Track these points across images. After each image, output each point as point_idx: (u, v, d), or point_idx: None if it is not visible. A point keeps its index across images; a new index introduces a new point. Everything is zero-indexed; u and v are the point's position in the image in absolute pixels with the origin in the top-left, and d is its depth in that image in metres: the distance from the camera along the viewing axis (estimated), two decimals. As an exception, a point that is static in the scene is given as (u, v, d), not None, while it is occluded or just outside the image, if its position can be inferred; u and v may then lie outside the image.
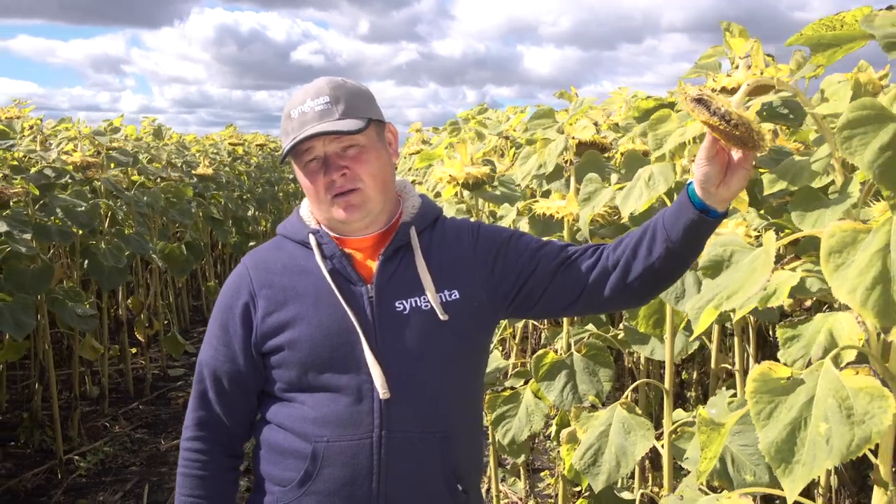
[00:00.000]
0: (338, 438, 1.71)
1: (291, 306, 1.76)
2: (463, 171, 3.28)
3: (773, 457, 1.14)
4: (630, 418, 2.38)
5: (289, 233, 1.87)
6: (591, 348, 2.91)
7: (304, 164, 1.74)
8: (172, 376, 7.18)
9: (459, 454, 1.80)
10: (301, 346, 1.73)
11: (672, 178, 2.32)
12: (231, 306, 1.82)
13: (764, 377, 1.20)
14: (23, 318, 4.20)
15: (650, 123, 2.29)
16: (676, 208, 1.64)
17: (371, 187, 1.74)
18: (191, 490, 1.85)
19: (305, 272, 1.78)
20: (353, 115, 1.72)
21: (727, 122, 1.40)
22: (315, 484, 1.72)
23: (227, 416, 1.85)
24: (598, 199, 2.47)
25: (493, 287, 1.81)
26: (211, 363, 1.84)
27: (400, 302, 1.75)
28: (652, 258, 1.67)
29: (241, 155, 11.41)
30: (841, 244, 1.13)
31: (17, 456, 5.18)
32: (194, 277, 9.87)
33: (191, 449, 1.86)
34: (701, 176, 1.54)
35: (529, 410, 3.14)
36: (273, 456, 1.80)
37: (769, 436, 1.15)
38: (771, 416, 1.17)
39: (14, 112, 5.87)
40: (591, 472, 2.36)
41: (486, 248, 1.84)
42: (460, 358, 1.80)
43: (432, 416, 1.75)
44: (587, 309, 1.85)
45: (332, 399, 1.72)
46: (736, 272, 1.40)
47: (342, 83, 1.77)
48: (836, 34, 1.27)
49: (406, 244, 1.81)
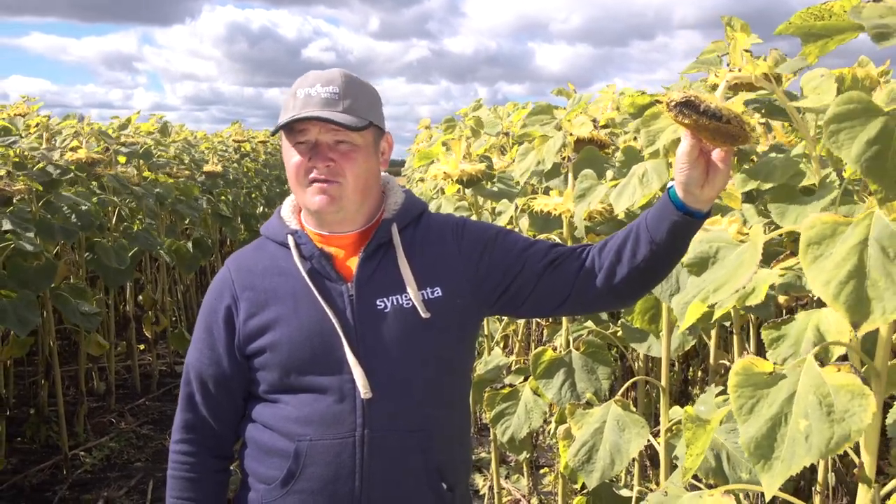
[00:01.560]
0: (320, 437, 1.70)
1: (272, 308, 1.75)
2: (457, 169, 3.26)
3: (752, 452, 1.13)
4: (625, 415, 2.37)
5: (270, 233, 1.86)
6: (590, 346, 2.90)
7: (295, 143, 1.73)
8: (179, 373, 7.18)
9: (444, 452, 1.79)
10: (282, 349, 1.73)
11: (666, 174, 2.31)
12: (215, 309, 1.82)
13: (747, 371, 1.19)
14: (26, 314, 4.21)
15: (643, 120, 2.28)
16: (659, 211, 1.62)
17: (351, 186, 1.73)
18: (180, 492, 1.85)
19: (285, 273, 1.78)
20: (355, 113, 1.71)
21: (718, 120, 1.38)
22: (298, 483, 1.72)
23: (213, 417, 1.85)
24: (593, 195, 2.46)
25: (477, 284, 1.80)
26: (196, 366, 1.84)
27: (381, 300, 1.74)
28: (636, 260, 1.66)
29: (249, 152, 11.42)
30: (820, 236, 1.12)
31: (24, 451, 5.21)
32: (203, 274, 9.88)
33: (179, 451, 1.86)
34: (684, 179, 1.52)
35: (528, 408, 3.13)
36: (258, 454, 1.80)
37: (749, 431, 1.14)
38: (752, 411, 1.16)
39: (22, 109, 5.90)
40: (586, 469, 2.35)
41: (472, 245, 1.82)
42: (443, 356, 1.79)
43: (415, 415, 1.74)
44: (575, 309, 1.84)
45: (314, 399, 1.72)
46: (722, 268, 1.39)
47: (354, 80, 1.76)
48: (825, 24, 1.26)
49: (388, 241, 1.79)
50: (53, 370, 5.15)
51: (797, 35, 1.29)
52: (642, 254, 1.64)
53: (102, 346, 5.71)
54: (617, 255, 1.69)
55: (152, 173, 6.76)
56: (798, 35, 1.29)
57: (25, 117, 5.61)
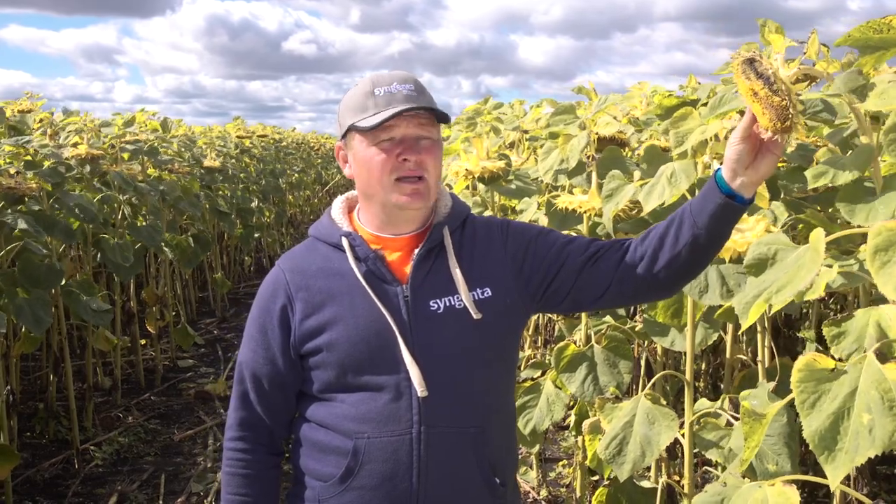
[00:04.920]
0: (378, 434, 1.75)
1: (328, 309, 1.80)
2: (479, 166, 3.32)
3: (816, 444, 1.19)
4: (654, 409, 2.44)
5: (321, 235, 1.90)
6: (612, 340, 2.96)
7: (378, 141, 1.76)
8: (182, 367, 7.24)
9: (495, 447, 1.85)
10: (339, 348, 1.77)
11: (694, 175, 2.37)
12: (269, 309, 1.86)
13: (809, 367, 1.26)
14: (41, 313, 4.24)
15: (672, 121, 2.34)
16: (703, 195, 1.67)
17: (433, 181, 1.79)
18: (237, 489, 1.89)
19: (340, 274, 1.82)
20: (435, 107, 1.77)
21: (770, 85, 1.42)
22: (357, 479, 1.76)
23: (267, 415, 1.89)
24: (620, 195, 2.52)
25: (523, 284, 1.85)
26: (251, 365, 1.88)
27: (434, 301, 1.80)
28: (678, 246, 1.70)
29: (247, 147, 11.44)
30: (887, 243, 1.19)
31: (33, 446, 5.24)
32: (200, 269, 9.91)
33: (234, 448, 1.90)
34: (733, 154, 1.58)
35: (550, 401, 3.19)
36: (313, 452, 1.84)
37: (813, 424, 1.20)
38: (815, 406, 1.22)
39: (27, 105, 5.91)
40: (617, 461, 2.42)
41: (516, 245, 1.88)
42: (493, 354, 1.85)
43: (468, 412, 1.80)
44: (613, 302, 1.89)
45: (370, 397, 1.77)
46: (781, 269, 1.45)
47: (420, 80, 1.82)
48: (882, 37, 1.32)
49: (439, 244, 1.84)
50: (65, 365, 5.18)
51: (855, 47, 1.35)
52: (685, 239, 1.68)
53: (111, 342, 5.74)
54: (660, 241, 1.73)
55: (155, 170, 6.78)
56: (856, 47, 1.35)
57: (31, 113, 5.62)
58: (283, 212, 13.28)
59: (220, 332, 8.52)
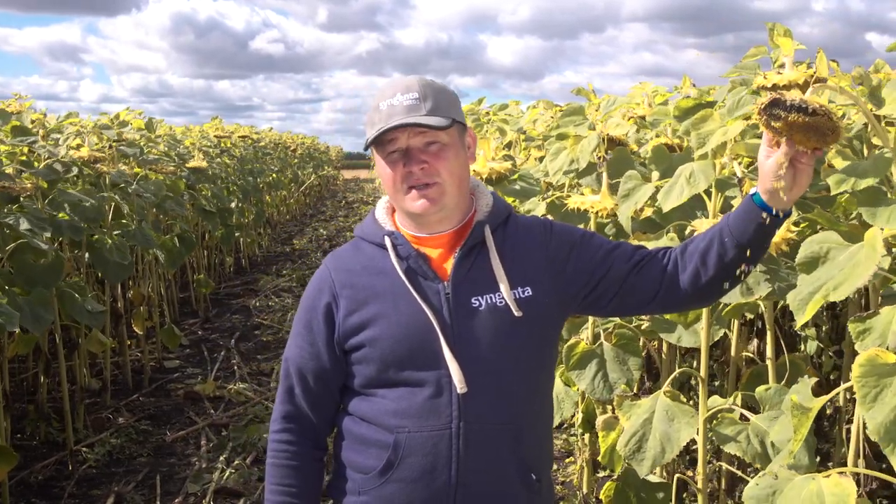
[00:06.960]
0: (418, 429, 1.79)
1: (372, 305, 1.84)
2: (486, 167, 3.36)
3: (882, 437, 1.23)
4: (673, 406, 2.49)
5: (366, 235, 1.95)
6: (621, 338, 3.01)
7: (387, 154, 1.82)
8: (168, 368, 7.19)
9: (532, 444, 1.89)
10: (382, 344, 1.82)
11: (712, 175, 2.42)
12: (314, 307, 1.91)
13: (871, 362, 1.30)
14: (41, 312, 4.22)
15: (693, 122, 2.39)
16: (744, 215, 1.73)
17: (448, 182, 1.82)
18: (281, 479, 1.93)
19: (383, 272, 1.86)
20: (439, 114, 1.79)
21: (811, 114, 1.45)
22: (397, 472, 1.80)
23: (312, 410, 1.93)
24: (638, 195, 2.56)
25: (564, 285, 1.89)
26: (297, 360, 1.92)
27: (475, 298, 1.83)
28: (724, 263, 1.77)
29: (227, 147, 11.39)
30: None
31: (25, 448, 5.19)
32: (182, 270, 9.85)
33: (280, 440, 1.94)
34: (772, 188, 1.63)
35: (560, 398, 3.23)
36: (355, 445, 1.88)
37: (877, 417, 1.25)
38: (877, 399, 1.26)
39: (15, 106, 5.87)
40: (636, 457, 2.46)
41: (559, 246, 1.91)
42: (532, 353, 1.88)
43: (507, 408, 1.84)
44: (657, 309, 1.95)
45: (411, 392, 1.81)
46: (834, 267, 1.50)
47: (431, 82, 1.85)
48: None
49: (480, 242, 1.88)
50: (59, 366, 5.15)
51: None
52: (730, 257, 1.76)
53: (103, 344, 5.71)
54: (702, 260, 1.80)
55: (142, 169, 6.75)
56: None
57: (21, 114, 5.58)
58: (261, 212, 13.24)
59: (205, 332, 8.47)
